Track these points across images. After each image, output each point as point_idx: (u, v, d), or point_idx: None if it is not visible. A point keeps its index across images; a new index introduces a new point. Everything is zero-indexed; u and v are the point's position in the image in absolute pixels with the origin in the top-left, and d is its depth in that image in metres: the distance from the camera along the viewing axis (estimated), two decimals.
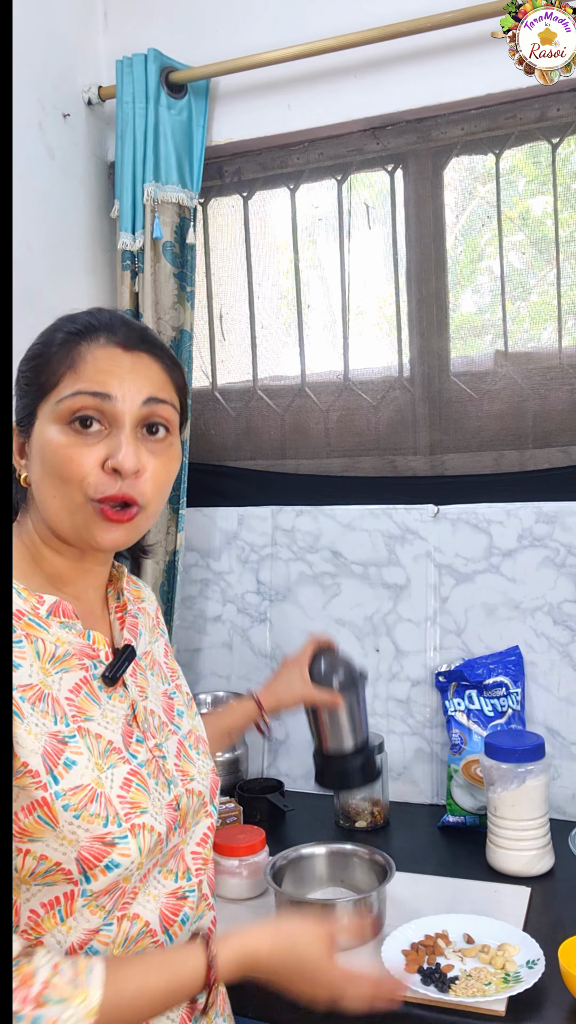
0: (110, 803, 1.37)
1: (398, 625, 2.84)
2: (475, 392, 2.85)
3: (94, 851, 1.34)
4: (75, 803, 1.33)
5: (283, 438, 3.11)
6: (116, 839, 1.36)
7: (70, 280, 2.93)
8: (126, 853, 1.36)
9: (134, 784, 1.42)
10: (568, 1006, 1.77)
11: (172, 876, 1.50)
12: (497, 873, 2.34)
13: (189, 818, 1.54)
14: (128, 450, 1.40)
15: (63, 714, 1.38)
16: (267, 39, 2.79)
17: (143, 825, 1.40)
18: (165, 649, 1.75)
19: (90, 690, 1.44)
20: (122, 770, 1.41)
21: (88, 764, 1.37)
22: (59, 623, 1.44)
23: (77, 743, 1.37)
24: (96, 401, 1.40)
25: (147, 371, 1.46)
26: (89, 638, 1.47)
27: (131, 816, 1.39)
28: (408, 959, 1.89)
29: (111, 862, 1.35)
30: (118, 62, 2.85)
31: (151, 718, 1.55)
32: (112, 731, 1.44)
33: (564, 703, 2.66)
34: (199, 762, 1.62)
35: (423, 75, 2.70)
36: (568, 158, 2.71)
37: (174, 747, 1.58)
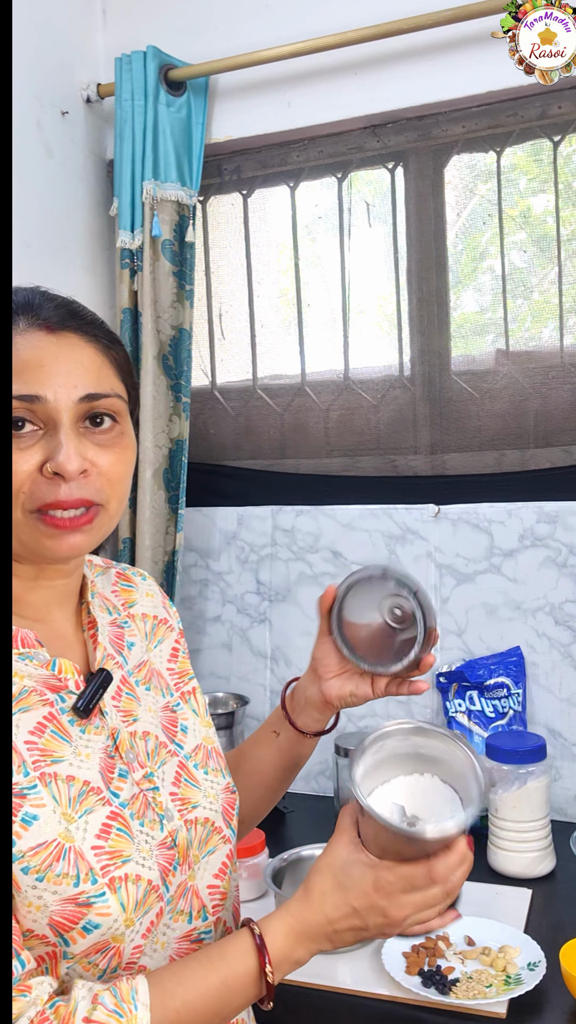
0: (82, 857, 1.21)
1: None
2: (476, 391, 2.84)
3: (67, 914, 1.19)
4: (37, 864, 1.18)
5: (283, 437, 3.10)
6: (91, 898, 1.20)
7: (69, 278, 2.91)
8: (105, 912, 1.21)
9: (114, 829, 1.26)
10: (569, 1008, 1.76)
11: (184, 917, 1.36)
12: (498, 875, 2.33)
13: (194, 851, 1.39)
14: (69, 449, 1.23)
15: (20, 762, 1.21)
16: (267, 36, 2.78)
17: (125, 877, 1.24)
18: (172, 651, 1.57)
19: (58, 727, 1.27)
20: (99, 814, 1.26)
21: (53, 816, 1.21)
22: (17, 655, 1.28)
23: (38, 794, 1.21)
24: (23, 403, 1.22)
25: (79, 358, 1.27)
26: (55, 667, 1.31)
27: (109, 869, 1.23)
28: (409, 961, 1.89)
29: (88, 923, 1.20)
30: (117, 59, 2.84)
31: (140, 744, 1.39)
32: (88, 769, 1.28)
33: (566, 704, 2.65)
34: (207, 783, 1.45)
35: (424, 72, 2.69)
36: (570, 156, 2.70)
37: (171, 773, 1.41)
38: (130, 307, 2.84)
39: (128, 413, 1.36)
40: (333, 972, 1.92)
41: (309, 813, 2.77)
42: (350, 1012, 1.85)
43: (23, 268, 2.68)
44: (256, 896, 2.25)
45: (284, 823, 2.70)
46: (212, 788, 1.45)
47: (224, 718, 2.84)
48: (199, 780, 1.44)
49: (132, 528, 2.88)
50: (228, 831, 1.45)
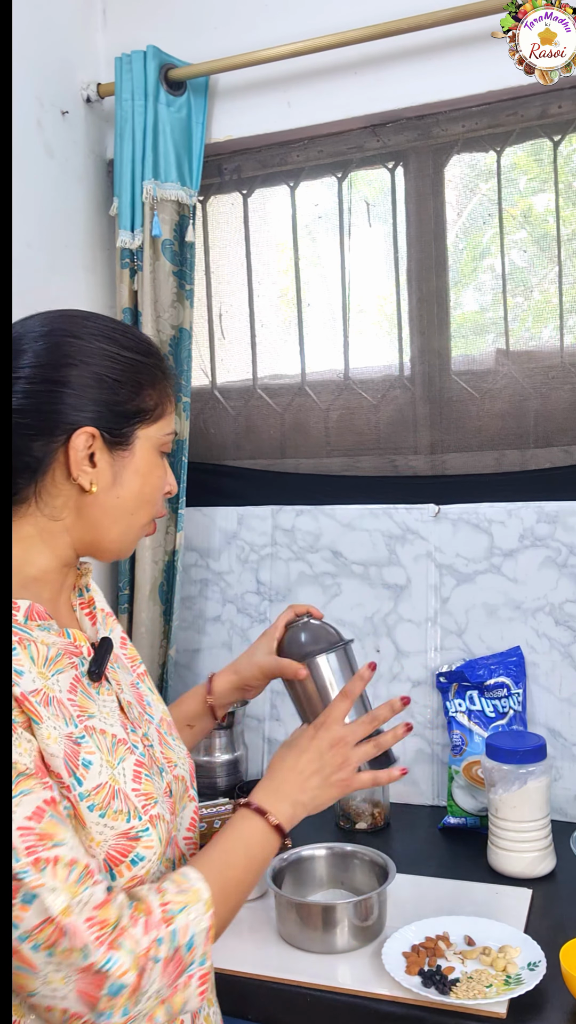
0: (127, 798, 1.39)
1: (399, 625, 2.83)
2: (476, 391, 2.84)
3: (120, 847, 1.36)
4: (99, 802, 1.35)
5: (283, 437, 3.10)
6: (139, 832, 1.38)
7: (69, 278, 2.92)
8: (150, 845, 1.39)
9: (143, 775, 1.44)
10: (569, 1008, 1.76)
11: (170, 864, 1.51)
12: (498, 875, 2.33)
13: (178, 804, 1.58)
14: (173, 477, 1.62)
15: (69, 715, 1.37)
16: (267, 36, 2.78)
17: (159, 816, 1.42)
18: (122, 639, 1.73)
19: (84, 688, 1.44)
20: (130, 762, 1.43)
21: (101, 762, 1.38)
22: (37, 626, 1.41)
23: (88, 742, 1.38)
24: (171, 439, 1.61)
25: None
26: (69, 636, 1.46)
27: (148, 807, 1.41)
28: (409, 961, 1.88)
29: (136, 856, 1.37)
30: (117, 59, 2.84)
31: (132, 709, 1.56)
32: (112, 724, 1.45)
33: (566, 704, 2.65)
34: (177, 747, 1.65)
35: (424, 72, 2.69)
36: (570, 155, 2.70)
37: (155, 735, 1.59)
38: (130, 307, 2.84)
39: None
40: (333, 972, 1.92)
41: None
42: (350, 1012, 1.85)
43: (24, 268, 2.69)
44: (257, 896, 2.24)
45: None
46: (181, 752, 1.66)
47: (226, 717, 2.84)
48: (172, 745, 1.64)
49: None
50: (192, 791, 1.66)
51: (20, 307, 2.58)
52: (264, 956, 2.02)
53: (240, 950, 2.04)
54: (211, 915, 1.36)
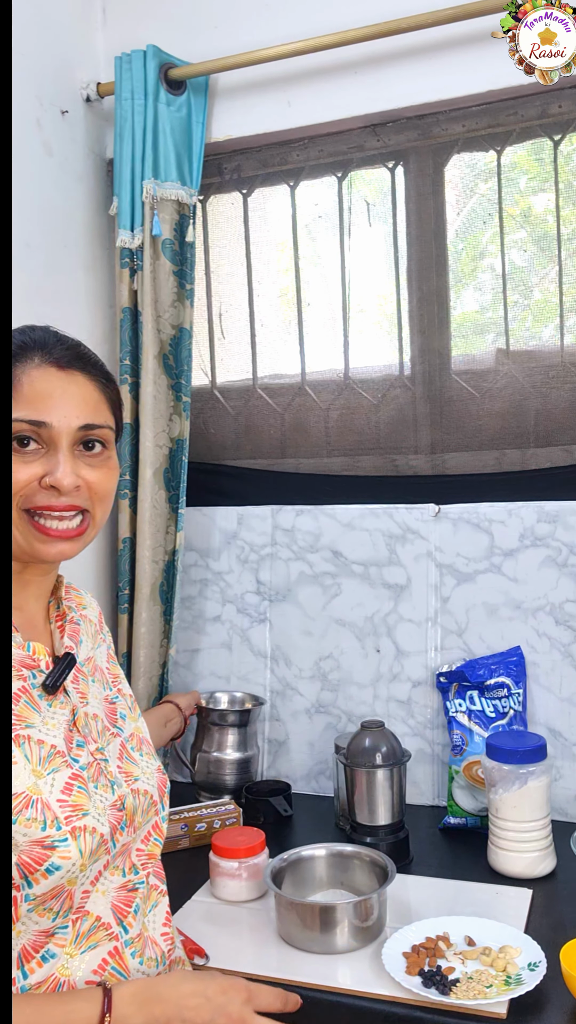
0: (48, 808, 1.42)
1: (399, 625, 2.83)
2: (476, 391, 2.84)
3: (34, 855, 1.39)
4: (11, 808, 1.38)
5: (283, 437, 3.09)
6: (56, 842, 1.40)
7: (68, 278, 2.91)
8: (66, 855, 1.41)
9: (75, 788, 1.47)
10: (570, 1008, 1.76)
11: (119, 872, 1.56)
12: (498, 875, 2.33)
13: (138, 817, 1.60)
14: (66, 468, 1.49)
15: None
16: (267, 35, 2.78)
17: (84, 827, 1.45)
18: (108, 655, 1.81)
19: (29, 699, 1.50)
20: (64, 774, 1.47)
21: (24, 771, 1.42)
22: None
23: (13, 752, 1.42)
24: (32, 427, 1.48)
25: (82, 393, 1.53)
26: (29, 649, 1.53)
27: (72, 819, 1.44)
28: (409, 961, 1.88)
29: (51, 865, 1.40)
30: (117, 59, 2.84)
31: (93, 723, 1.61)
32: (54, 736, 1.49)
33: (566, 704, 2.65)
34: (143, 763, 1.68)
35: (424, 72, 2.69)
36: (570, 155, 2.70)
37: (116, 750, 1.63)
38: (130, 306, 2.84)
39: (114, 442, 1.63)
40: (333, 972, 1.92)
41: (309, 814, 2.77)
42: (350, 1012, 1.85)
43: (23, 268, 2.69)
44: (257, 896, 2.24)
45: (284, 824, 2.70)
46: (148, 767, 1.69)
47: (240, 715, 2.85)
48: (137, 760, 1.67)
49: (132, 527, 2.88)
50: (160, 805, 1.69)
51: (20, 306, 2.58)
52: (264, 956, 2.02)
53: (240, 950, 2.05)
54: None
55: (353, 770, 2.49)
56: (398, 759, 2.50)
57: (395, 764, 2.48)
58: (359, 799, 2.49)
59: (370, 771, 2.47)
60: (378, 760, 2.48)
